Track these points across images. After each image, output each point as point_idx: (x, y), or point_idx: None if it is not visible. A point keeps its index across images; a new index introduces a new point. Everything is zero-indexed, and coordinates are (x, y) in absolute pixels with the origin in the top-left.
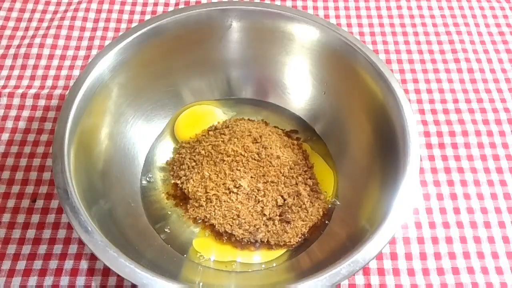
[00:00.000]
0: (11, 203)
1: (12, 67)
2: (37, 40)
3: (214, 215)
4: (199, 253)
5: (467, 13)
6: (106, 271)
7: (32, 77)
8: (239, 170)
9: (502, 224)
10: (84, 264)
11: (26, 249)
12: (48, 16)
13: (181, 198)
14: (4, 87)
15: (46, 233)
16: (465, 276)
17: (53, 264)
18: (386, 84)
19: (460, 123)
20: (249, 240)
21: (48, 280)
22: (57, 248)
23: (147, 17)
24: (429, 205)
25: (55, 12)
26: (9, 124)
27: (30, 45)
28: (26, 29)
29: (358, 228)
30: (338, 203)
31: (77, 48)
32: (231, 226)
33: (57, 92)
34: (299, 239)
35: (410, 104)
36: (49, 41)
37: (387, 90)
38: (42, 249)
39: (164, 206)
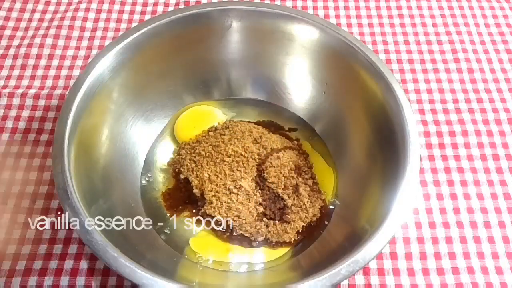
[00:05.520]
0: (11, 203)
1: (12, 67)
2: (37, 40)
3: (215, 215)
4: (198, 253)
5: (467, 13)
6: (106, 271)
7: (32, 77)
8: (240, 170)
9: (502, 224)
10: (84, 264)
11: (26, 249)
12: (48, 16)
13: (182, 198)
14: (4, 87)
15: (46, 233)
16: (465, 276)
17: (53, 264)
18: (386, 84)
19: (460, 123)
20: (249, 238)
21: (48, 280)
22: (57, 248)
23: (147, 17)
24: (429, 205)
25: (55, 12)
26: (9, 124)
27: (30, 45)
28: (26, 29)
29: (358, 228)
30: (338, 203)
31: (77, 48)
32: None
33: (57, 92)
34: (298, 237)
35: (410, 104)
36: (49, 41)
37: (387, 90)
38: (42, 249)
39: (164, 206)
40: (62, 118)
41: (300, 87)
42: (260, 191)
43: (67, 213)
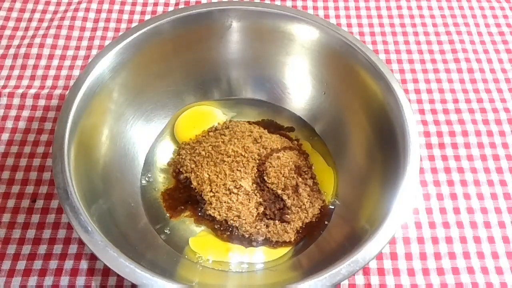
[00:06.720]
0: (11, 203)
1: (12, 67)
2: (37, 40)
3: (215, 215)
4: (197, 253)
5: (467, 13)
6: (106, 271)
7: (32, 77)
8: (240, 170)
9: (502, 224)
10: (84, 264)
11: (26, 249)
12: (48, 16)
13: (182, 199)
14: (4, 87)
15: (46, 233)
16: (465, 276)
17: (53, 264)
18: (386, 84)
19: (460, 123)
20: (249, 238)
21: (48, 280)
22: (57, 248)
23: (147, 17)
24: (429, 205)
25: (55, 12)
26: (9, 124)
27: (30, 45)
28: (26, 29)
29: (358, 228)
30: (338, 203)
31: (77, 48)
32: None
33: (57, 92)
34: (298, 236)
35: (410, 104)
36: (49, 41)
37: (387, 90)
38: (42, 249)
39: (163, 207)
40: (62, 118)
41: (300, 87)
42: (260, 191)
43: (67, 213)
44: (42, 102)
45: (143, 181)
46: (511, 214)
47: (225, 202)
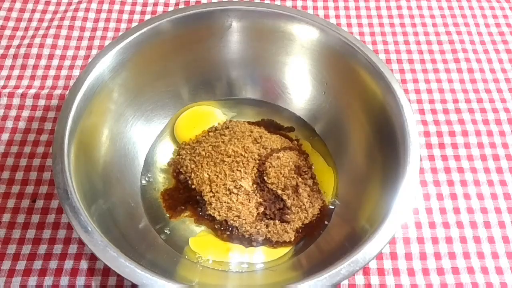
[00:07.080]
0: (11, 203)
1: (12, 67)
2: (37, 40)
3: (215, 215)
4: (197, 253)
5: (467, 13)
6: (106, 271)
7: (32, 77)
8: (240, 170)
9: (502, 224)
10: (84, 264)
11: (26, 249)
12: (48, 16)
13: (182, 199)
14: (4, 87)
15: (46, 233)
16: (465, 276)
17: (53, 264)
18: (386, 84)
19: (460, 123)
20: (249, 238)
21: (48, 280)
22: (57, 248)
23: (147, 17)
24: (429, 205)
25: (55, 12)
26: (9, 124)
27: (30, 45)
28: (26, 29)
29: (358, 228)
30: (338, 203)
31: (77, 48)
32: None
33: (57, 92)
34: (298, 236)
35: (410, 104)
36: (49, 41)
37: (387, 90)
38: (42, 249)
39: (163, 207)
40: (62, 118)
41: (300, 87)
42: (260, 191)
43: (67, 213)
44: (42, 102)
45: (143, 181)
46: (511, 214)
47: (225, 202)
